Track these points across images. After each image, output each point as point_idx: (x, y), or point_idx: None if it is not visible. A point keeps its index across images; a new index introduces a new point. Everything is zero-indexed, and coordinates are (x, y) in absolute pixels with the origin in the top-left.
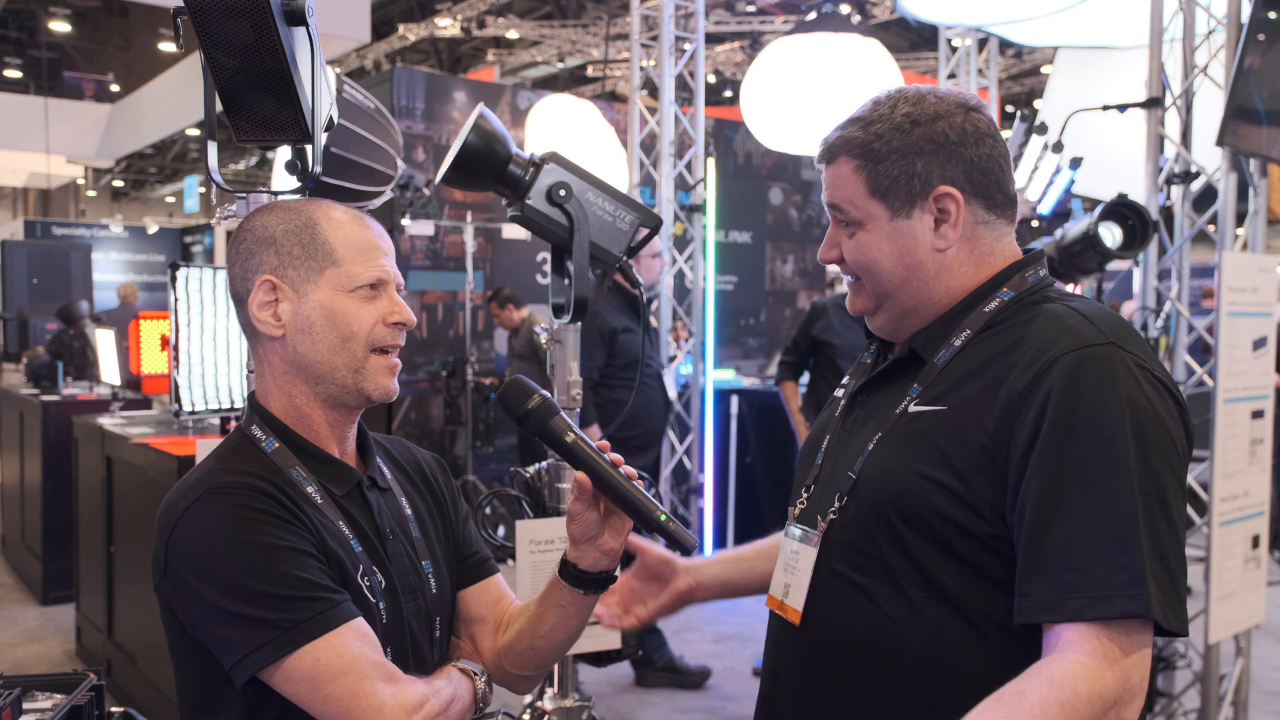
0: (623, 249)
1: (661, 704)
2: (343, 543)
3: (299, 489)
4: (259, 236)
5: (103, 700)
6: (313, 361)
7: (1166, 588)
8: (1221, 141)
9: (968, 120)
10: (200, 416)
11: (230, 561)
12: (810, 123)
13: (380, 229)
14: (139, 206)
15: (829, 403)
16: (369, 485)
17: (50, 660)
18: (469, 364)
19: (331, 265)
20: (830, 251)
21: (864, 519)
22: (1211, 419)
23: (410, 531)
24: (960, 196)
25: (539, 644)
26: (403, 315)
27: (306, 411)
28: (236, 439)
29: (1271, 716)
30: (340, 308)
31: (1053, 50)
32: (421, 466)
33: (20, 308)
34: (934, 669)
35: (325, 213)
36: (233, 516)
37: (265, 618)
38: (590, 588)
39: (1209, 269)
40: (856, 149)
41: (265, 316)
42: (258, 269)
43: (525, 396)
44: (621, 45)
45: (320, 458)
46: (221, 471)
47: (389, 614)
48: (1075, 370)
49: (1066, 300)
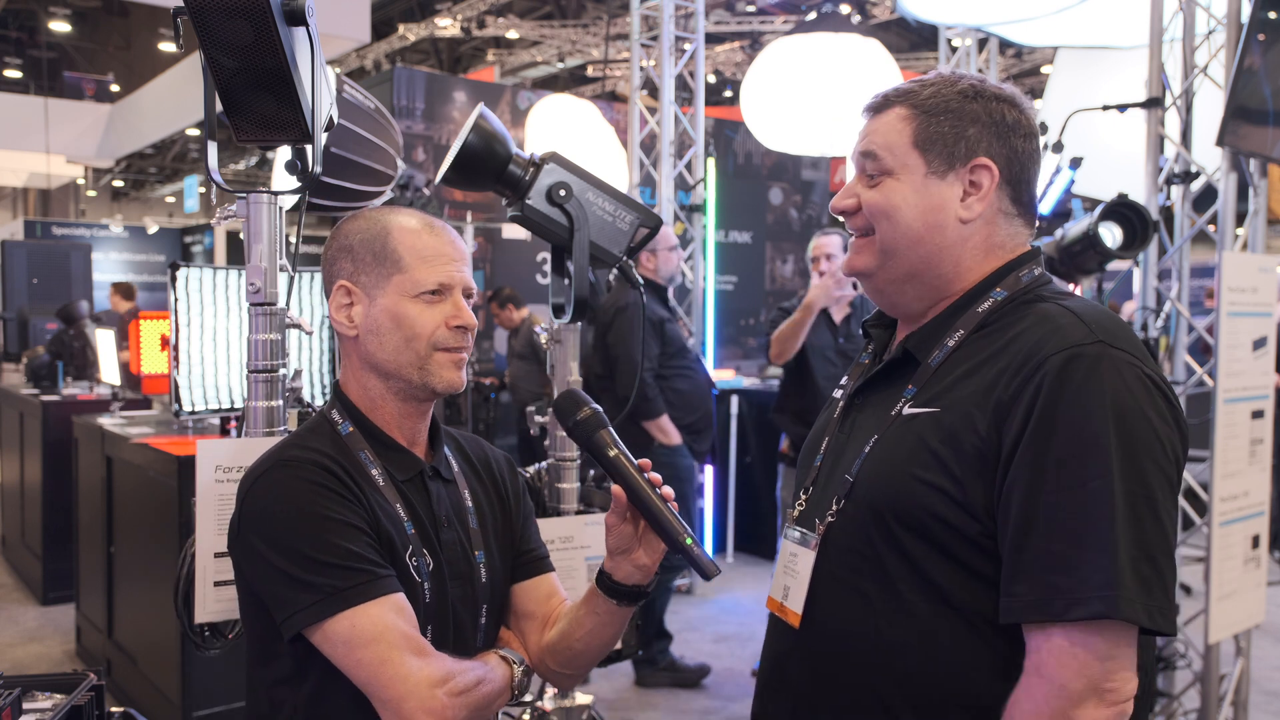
0: (623, 249)
1: (661, 704)
2: (396, 523)
3: (363, 470)
4: (341, 244)
5: (103, 700)
6: (381, 360)
7: (1152, 588)
8: (1221, 141)
9: (1023, 114)
10: (200, 416)
11: (289, 528)
12: (810, 123)
13: (453, 236)
14: (139, 206)
15: (827, 404)
16: (431, 475)
17: (50, 660)
18: (469, 364)
19: (398, 272)
20: (846, 200)
21: (861, 521)
22: (1211, 419)
23: (468, 522)
24: (997, 174)
25: (576, 646)
26: (463, 318)
27: (380, 403)
28: (318, 420)
29: (1271, 716)
30: (404, 311)
31: (1053, 50)
32: (490, 464)
33: (20, 308)
34: (932, 670)
35: (400, 222)
36: (296, 488)
37: (313, 582)
38: (624, 599)
39: (1209, 269)
40: (913, 100)
41: (341, 317)
42: (336, 274)
43: (576, 407)
44: (621, 45)
45: (389, 444)
46: (294, 447)
47: (433, 594)
48: (1061, 371)
49: (1060, 299)
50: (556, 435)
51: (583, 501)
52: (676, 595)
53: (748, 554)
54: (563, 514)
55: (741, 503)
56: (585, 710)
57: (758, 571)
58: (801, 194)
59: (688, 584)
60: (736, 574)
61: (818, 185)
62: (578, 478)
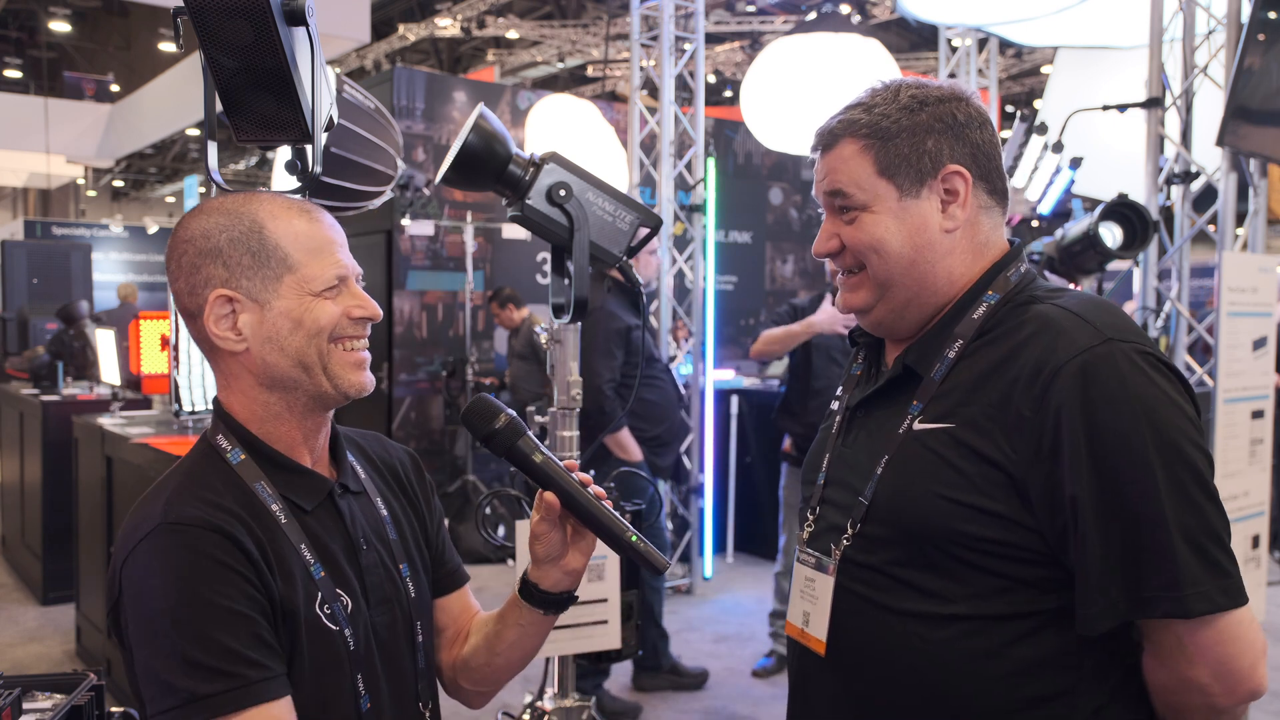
0: (623, 249)
1: (661, 704)
2: (302, 571)
3: (262, 509)
4: (201, 248)
5: (103, 700)
6: (283, 370)
7: (1216, 571)
8: (1221, 141)
9: (970, 105)
10: (200, 416)
11: (164, 611)
12: (810, 123)
13: (329, 218)
14: (139, 206)
15: (825, 418)
16: (340, 492)
17: (50, 660)
18: (469, 364)
19: (288, 271)
20: (829, 243)
21: (886, 543)
22: (1211, 419)
23: (386, 535)
24: (970, 176)
25: (495, 661)
26: (367, 309)
27: (276, 420)
28: (203, 449)
29: (1272, 716)
30: (306, 311)
31: (1053, 50)
32: (395, 466)
33: (20, 308)
34: (970, 683)
35: (269, 211)
36: (177, 562)
37: (175, 685)
38: (551, 608)
39: (1209, 269)
40: (863, 129)
41: (224, 332)
42: (206, 283)
43: (492, 416)
44: (621, 45)
45: (289, 468)
46: (181, 500)
47: (356, 638)
48: (1079, 378)
49: (1055, 298)
50: (557, 435)
51: None
52: (677, 595)
53: (748, 554)
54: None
55: (741, 503)
56: (585, 710)
57: (758, 571)
58: (801, 194)
59: (687, 584)
60: (736, 574)
61: None
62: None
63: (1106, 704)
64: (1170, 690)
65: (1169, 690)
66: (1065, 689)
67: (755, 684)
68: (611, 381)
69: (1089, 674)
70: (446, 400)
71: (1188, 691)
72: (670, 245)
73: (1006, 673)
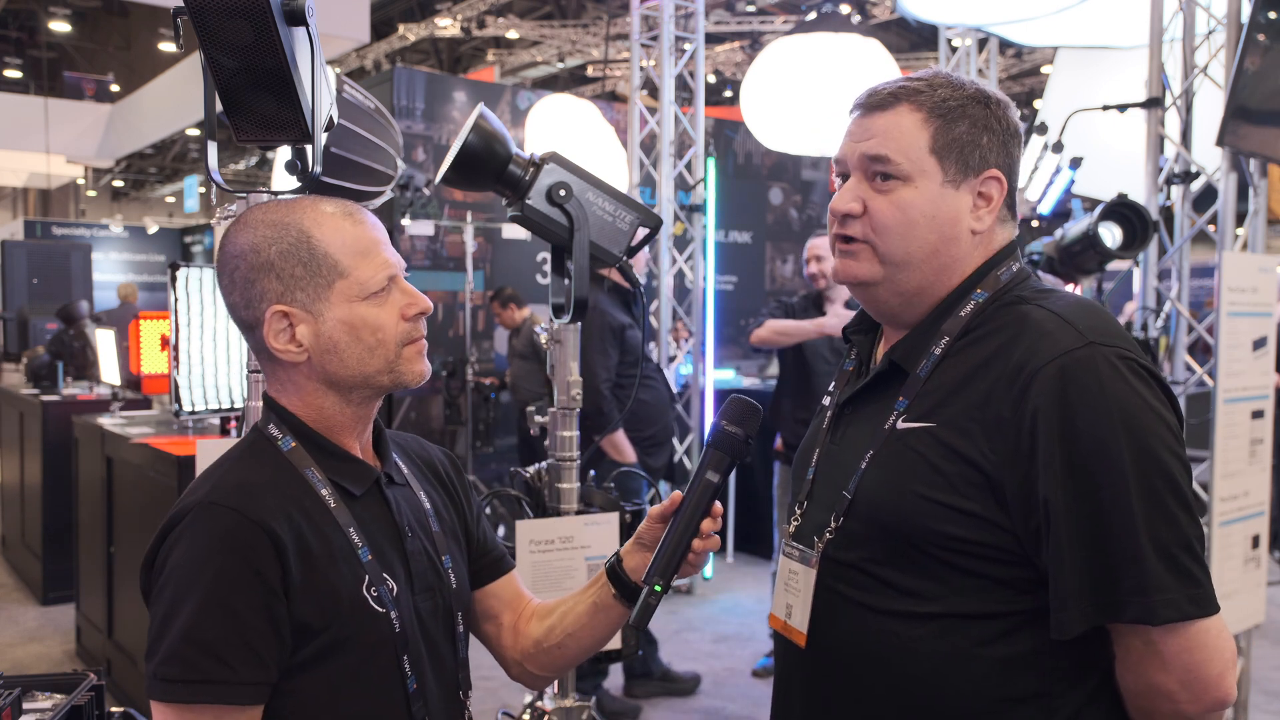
0: (623, 249)
1: (661, 705)
2: (348, 556)
3: (311, 493)
4: (253, 263)
5: (103, 700)
6: (344, 376)
7: (1185, 579)
8: (1221, 141)
9: (1017, 118)
10: (200, 416)
11: (184, 593)
12: (810, 123)
13: (371, 217)
14: (139, 206)
15: (817, 413)
16: (387, 482)
17: (50, 660)
18: (469, 364)
19: (339, 278)
20: (852, 203)
21: (866, 539)
22: (1211, 419)
23: (430, 526)
24: (1005, 185)
25: (568, 644)
26: (420, 305)
27: (329, 413)
28: (254, 437)
29: (1271, 716)
30: (360, 318)
31: (1053, 50)
32: (434, 463)
33: (20, 308)
34: (945, 682)
35: (314, 219)
36: (210, 551)
37: (176, 653)
38: (623, 591)
39: (1209, 269)
40: (927, 101)
41: (284, 345)
42: (262, 298)
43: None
44: (621, 45)
45: (339, 456)
46: (226, 486)
47: (402, 621)
48: (1058, 381)
49: (1042, 300)
50: (557, 435)
51: (582, 501)
52: (677, 595)
53: (748, 554)
54: (562, 514)
55: (741, 503)
56: (585, 710)
57: (758, 571)
58: (801, 194)
59: (687, 584)
60: (736, 574)
61: (818, 185)
62: (577, 478)
63: (1083, 707)
64: (1139, 695)
65: (1138, 695)
66: (1041, 690)
67: (755, 684)
68: (608, 381)
69: (1065, 676)
70: (446, 400)
71: (1155, 697)
72: (670, 245)
73: (982, 673)
